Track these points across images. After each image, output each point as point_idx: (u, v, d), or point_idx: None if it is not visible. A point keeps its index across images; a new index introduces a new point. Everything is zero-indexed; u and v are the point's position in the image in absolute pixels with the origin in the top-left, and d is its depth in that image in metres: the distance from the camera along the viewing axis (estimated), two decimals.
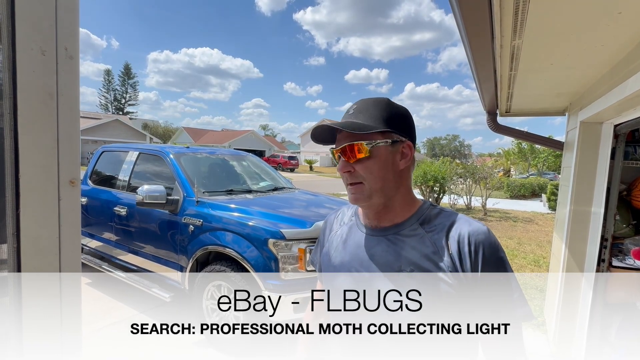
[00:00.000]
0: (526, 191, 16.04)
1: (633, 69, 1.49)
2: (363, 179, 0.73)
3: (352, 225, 0.84)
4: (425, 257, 0.69)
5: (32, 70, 0.41)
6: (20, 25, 0.40)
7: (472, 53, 1.59)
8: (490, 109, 3.06)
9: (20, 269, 0.41)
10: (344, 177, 0.77)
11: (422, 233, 0.73)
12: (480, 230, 0.70)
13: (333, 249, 0.84)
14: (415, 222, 0.75)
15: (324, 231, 0.93)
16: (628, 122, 2.03)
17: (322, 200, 3.60)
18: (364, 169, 0.73)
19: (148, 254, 3.22)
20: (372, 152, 0.72)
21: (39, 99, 0.42)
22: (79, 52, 0.46)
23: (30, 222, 0.42)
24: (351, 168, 0.74)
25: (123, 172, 3.71)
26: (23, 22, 0.40)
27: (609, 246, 2.24)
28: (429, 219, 0.75)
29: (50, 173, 0.43)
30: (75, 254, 0.47)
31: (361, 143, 0.72)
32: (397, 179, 0.76)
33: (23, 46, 0.40)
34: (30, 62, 0.41)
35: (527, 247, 6.19)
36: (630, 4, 1.18)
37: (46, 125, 0.43)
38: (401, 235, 0.74)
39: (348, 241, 0.82)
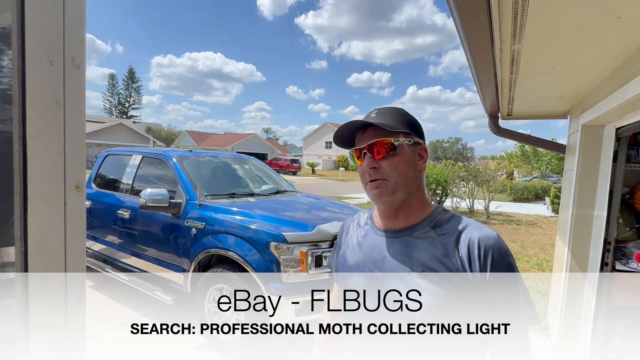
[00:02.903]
0: (529, 194, 15.95)
1: (633, 72, 1.49)
2: (388, 175, 0.76)
3: (367, 229, 0.87)
4: (436, 259, 0.72)
5: (40, 80, 0.43)
6: (29, 36, 0.41)
7: (473, 58, 1.60)
8: (491, 113, 3.06)
9: (27, 270, 0.42)
10: (367, 174, 0.78)
11: (434, 236, 0.76)
12: (490, 235, 0.72)
13: (349, 251, 0.88)
14: (427, 225, 0.78)
15: (341, 234, 0.96)
16: (630, 125, 2.03)
17: (324, 204, 3.61)
18: (389, 164, 0.76)
19: (151, 257, 3.24)
20: (398, 148, 0.76)
21: (46, 107, 0.44)
22: (85, 61, 0.47)
23: (38, 226, 0.43)
24: (377, 164, 0.76)
25: (126, 175, 3.74)
26: (32, 33, 0.42)
27: (612, 249, 2.22)
28: (441, 223, 0.78)
29: (57, 178, 0.45)
30: (80, 257, 0.48)
31: (389, 139, 0.76)
32: (416, 177, 0.80)
33: (32, 56, 0.42)
34: (38, 71, 0.43)
35: (531, 251, 6.15)
36: (629, 8, 1.19)
37: (53, 133, 0.44)
38: (414, 237, 0.77)
39: (363, 243, 0.85)
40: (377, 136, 0.76)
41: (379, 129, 0.76)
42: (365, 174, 0.78)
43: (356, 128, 0.80)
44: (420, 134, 0.81)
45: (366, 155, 0.77)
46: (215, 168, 3.83)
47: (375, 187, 0.77)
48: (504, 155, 33.96)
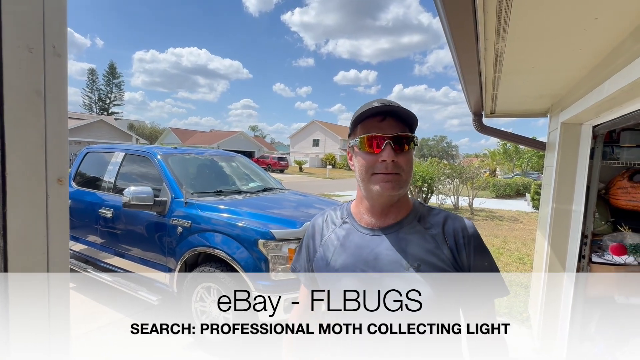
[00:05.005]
0: (511, 191, 16.43)
1: (609, 72, 1.56)
2: (402, 170, 0.75)
3: (348, 228, 0.84)
4: (430, 252, 0.75)
5: (18, 68, 0.41)
6: (6, 22, 0.39)
7: (458, 56, 1.63)
8: (476, 111, 3.13)
9: (7, 268, 0.41)
10: (380, 165, 0.74)
11: (422, 230, 0.78)
12: (469, 224, 0.80)
13: (330, 253, 0.83)
14: (413, 219, 0.80)
15: (313, 236, 0.90)
16: (606, 123, 2.11)
17: (311, 201, 3.61)
18: (406, 161, 0.76)
19: (135, 257, 3.16)
20: (411, 147, 0.77)
21: (26, 96, 0.42)
22: (67, 50, 0.46)
23: (18, 221, 0.41)
24: (395, 158, 0.74)
25: (108, 173, 3.63)
26: (10, 19, 0.40)
27: (589, 243, 2.32)
28: (424, 216, 0.81)
29: (38, 171, 0.43)
30: (64, 253, 0.47)
31: (413, 135, 0.77)
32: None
33: (10, 43, 0.40)
34: (17, 59, 0.41)
35: (512, 245, 6.34)
36: (605, 10, 1.23)
37: (33, 123, 0.42)
38: (403, 232, 0.78)
39: (347, 243, 0.82)
40: (399, 129, 0.75)
41: (398, 122, 0.76)
42: (376, 164, 0.74)
43: (374, 113, 0.76)
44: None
45: (388, 146, 0.73)
46: (201, 166, 3.76)
47: (387, 180, 0.74)
48: (487, 153, 34.80)
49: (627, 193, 2.33)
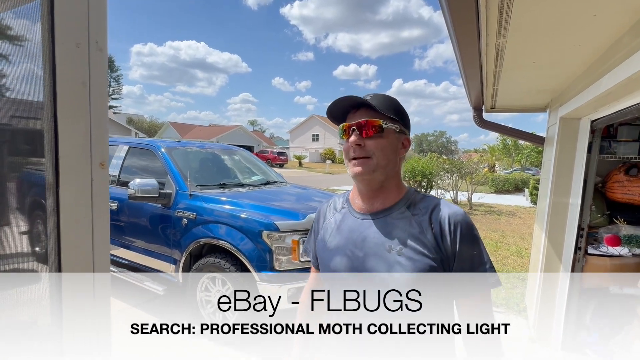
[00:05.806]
0: (510, 186, 16.51)
1: (607, 67, 1.60)
2: (372, 154, 0.80)
3: (345, 212, 0.91)
4: (413, 237, 0.78)
5: (68, 61, 0.45)
6: (58, 21, 0.44)
7: (460, 51, 1.67)
8: (476, 105, 3.17)
9: (60, 241, 0.45)
10: (351, 151, 0.82)
11: (409, 216, 0.82)
12: (458, 212, 0.81)
13: (328, 235, 0.91)
14: (403, 205, 0.84)
15: (318, 220, 1.00)
16: (603, 118, 2.16)
17: (312, 194, 3.66)
18: (375, 144, 0.80)
19: (140, 249, 3.22)
20: (385, 132, 0.81)
21: (74, 87, 0.46)
22: (107, 45, 0.50)
23: (69, 200, 0.46)
24: (363, 142, 0.80)
25: (112, 167, 3.67)
26: (61, 18, 0.44)
27: (585, 235, 2.38)
28: (415, 203, 0.84)
29: (85, 155, 0.48)
30: (105, 227, 0.52)
31: (379, 121, 0.80)
32: (396, 163, 0.85)
33: (61, 40, 0.44)
34: (66, 54, 0.45)
35: (510, 239, 6.42)
36: (604, 7, 1.27)
37: (80, 112, 0.47)
38: (391, 218, 0.83)
39: (342, 226, 0.89)
40: (369, 115, 0.81)
41: (371, 111, 0.81)
42: (349, 150, 0.82)
43: (350, 106, 0.85)
44: (407, 125, 0.87)
45: (354, 132, 0.81)
46: (204, 159, 3.80)
47: (357, 164, 0.81)
48: (486, 149, 34.86)
49: (623, 187, 2.38)
